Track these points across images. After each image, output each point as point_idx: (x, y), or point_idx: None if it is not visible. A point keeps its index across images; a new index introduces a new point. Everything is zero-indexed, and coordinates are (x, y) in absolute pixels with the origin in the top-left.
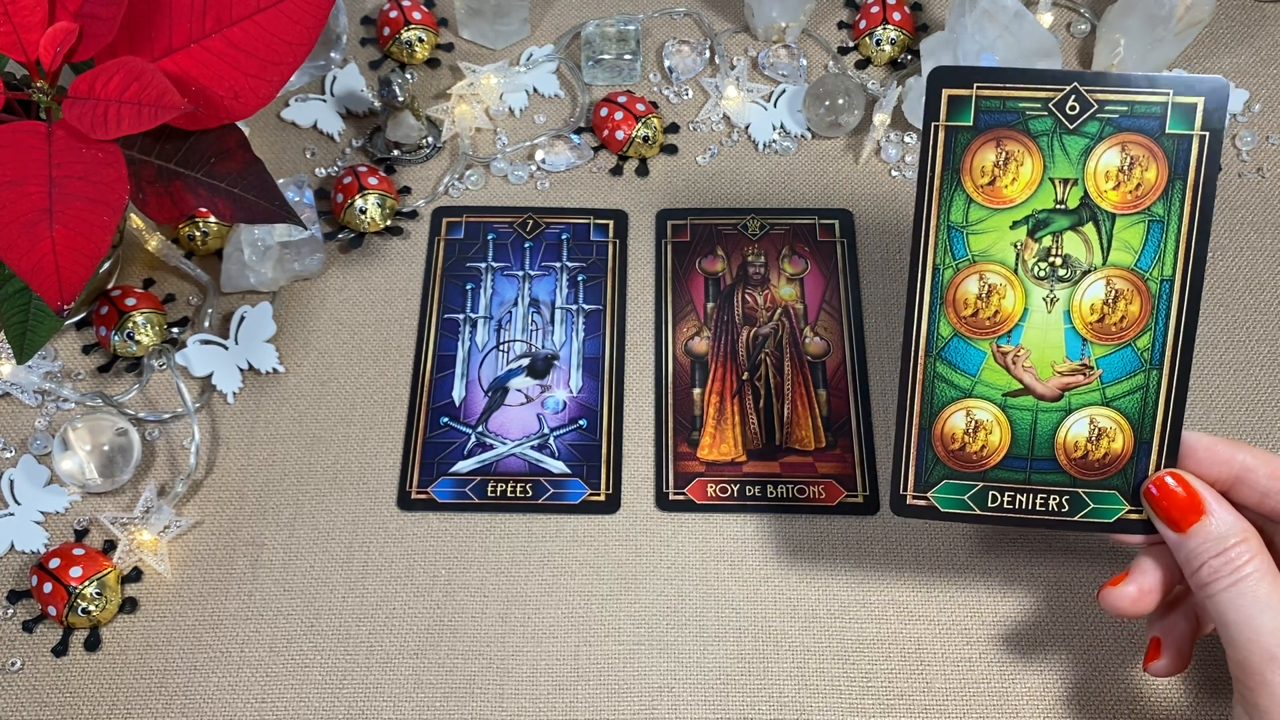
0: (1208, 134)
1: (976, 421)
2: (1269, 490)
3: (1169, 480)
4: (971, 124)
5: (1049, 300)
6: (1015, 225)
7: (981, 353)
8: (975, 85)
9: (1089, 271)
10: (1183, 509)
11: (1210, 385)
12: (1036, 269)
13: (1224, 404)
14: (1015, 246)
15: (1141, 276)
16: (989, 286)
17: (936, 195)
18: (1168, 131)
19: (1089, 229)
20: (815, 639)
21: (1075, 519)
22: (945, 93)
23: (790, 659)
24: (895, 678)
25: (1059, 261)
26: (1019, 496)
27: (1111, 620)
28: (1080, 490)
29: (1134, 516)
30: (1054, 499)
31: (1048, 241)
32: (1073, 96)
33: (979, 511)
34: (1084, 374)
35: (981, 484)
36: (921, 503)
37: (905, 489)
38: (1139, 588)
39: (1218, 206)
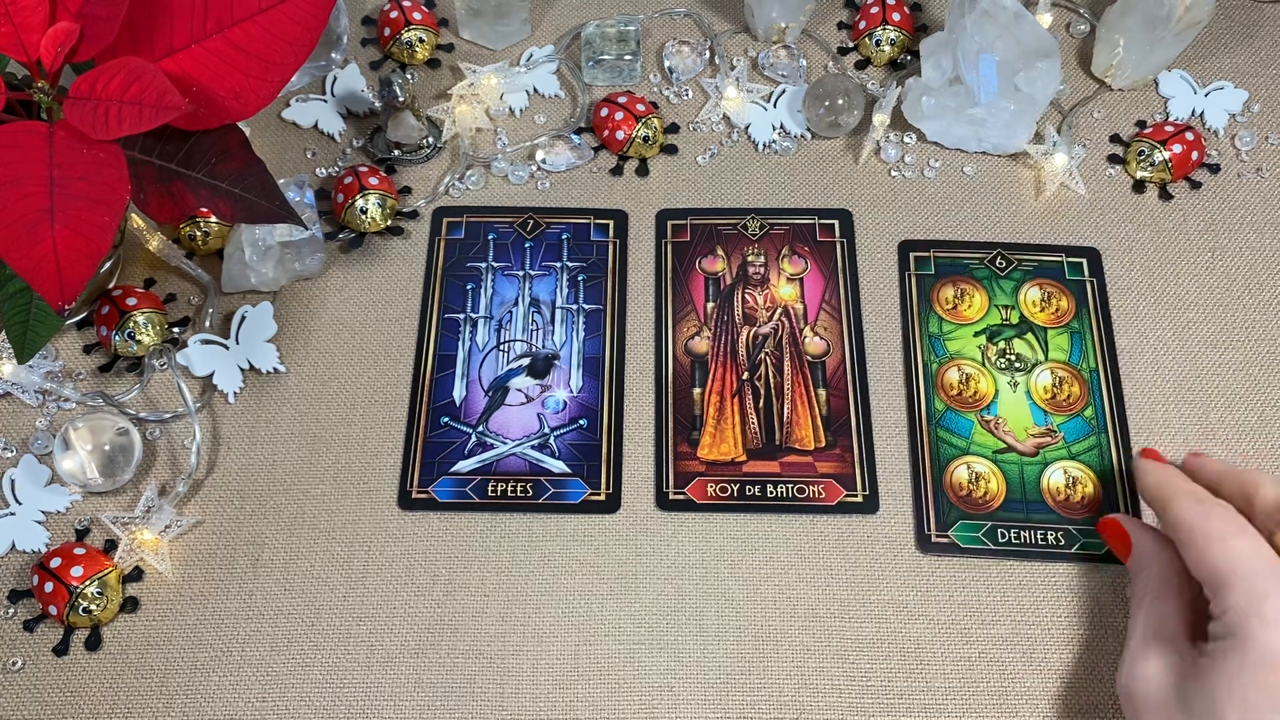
0: (1095, 280)
1: (976, 473)
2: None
3: (1107, 525)
4: (933, 273)
5: (1012, 384)
6: (977, 334)
7: (970, 421)
8: (932, 251)
9: (1037, 364)
10: (1120, 547)
11: (1210, 385)
12: (998, 363)
13: (1224, 404)
14: (980, 348)
15: (1075, 368)
16: (966, 375)
17: (916, 318)
18: (1068, 278)
19: (1030, 337)
20: (815, 639)
21: (1072, 551)
22: (912, 255)
23: (790, 659)
24: (895, 677)
25: (1013, 358)
26: (1023, 533)
27: (1110, 621)
28: (1071, 527)
29: None
30: (1052, 534)
31: (1002, 345)
32: (999, 256)
33: (993, 546)
34: (1050, 436)
35: (990, 523)
36: (944, 540)
37: (929, 529)
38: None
39: (1218, 206)
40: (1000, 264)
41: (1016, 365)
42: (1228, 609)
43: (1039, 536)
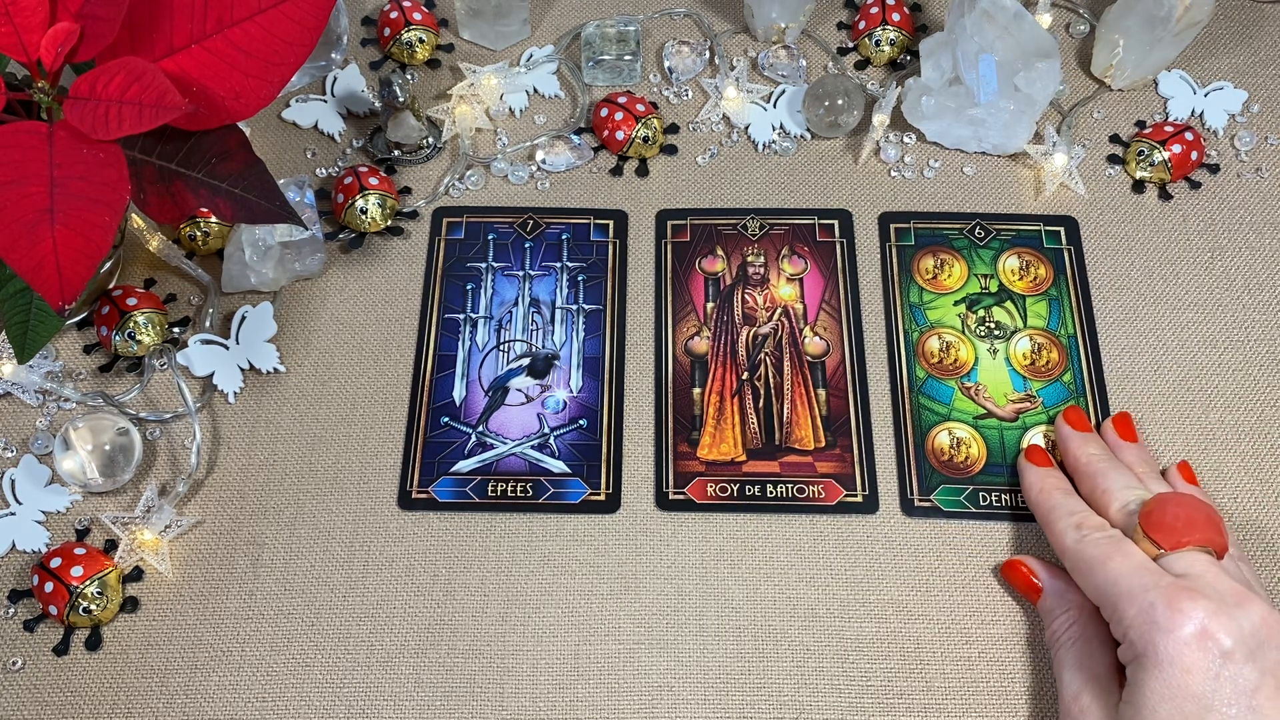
0: (1072, 248)
1: (958, 439)
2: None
3: (1012, 570)
4: (914, 244)
5: (992, 351)
6: (957, 303)
7: (950, 388)
8: (912, 222)
9: (1016, 331)
10: (1027, 591)
11: (1210, 385)
12: (978, 330)
13: (1223, 404)
14: (960, 316)
15: (1053, 334)
16: (946, 343)
17: (897, 287)
18: (1045, 246)
19: (1009, 304)
20: (815, 639)
21: None
22: (892, 226)
23: (790, 659)
24: (895, 677)
25: (992, 326)
26: (1004, 496)
27: None
28: None
29: None
30: None
31: (981, 313)
32: (978, 226)
33: (974, 509)
34: (1030, 401)
35: (971, 487)
36: (927, 504)
37: (912, 493)
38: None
39: (1218, 206)
40: (979, 234)
41: (996, 333)
42: (1127, 628)
43: (1019, 499)
